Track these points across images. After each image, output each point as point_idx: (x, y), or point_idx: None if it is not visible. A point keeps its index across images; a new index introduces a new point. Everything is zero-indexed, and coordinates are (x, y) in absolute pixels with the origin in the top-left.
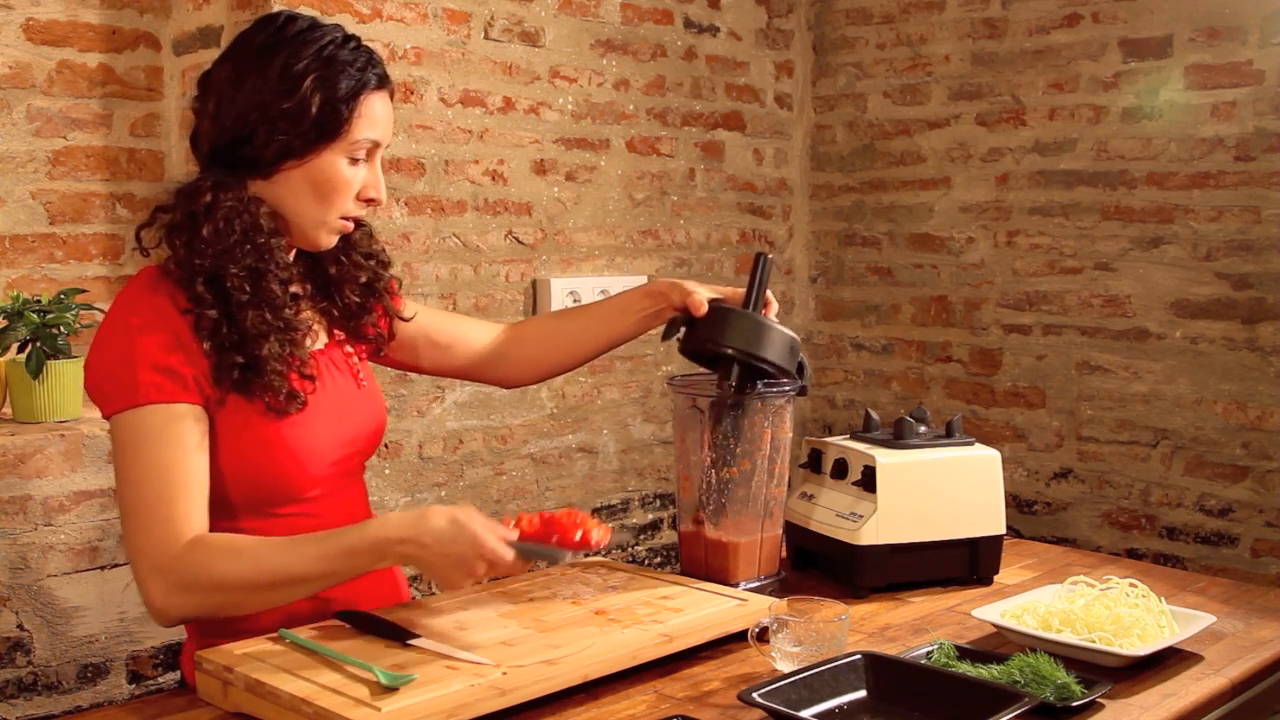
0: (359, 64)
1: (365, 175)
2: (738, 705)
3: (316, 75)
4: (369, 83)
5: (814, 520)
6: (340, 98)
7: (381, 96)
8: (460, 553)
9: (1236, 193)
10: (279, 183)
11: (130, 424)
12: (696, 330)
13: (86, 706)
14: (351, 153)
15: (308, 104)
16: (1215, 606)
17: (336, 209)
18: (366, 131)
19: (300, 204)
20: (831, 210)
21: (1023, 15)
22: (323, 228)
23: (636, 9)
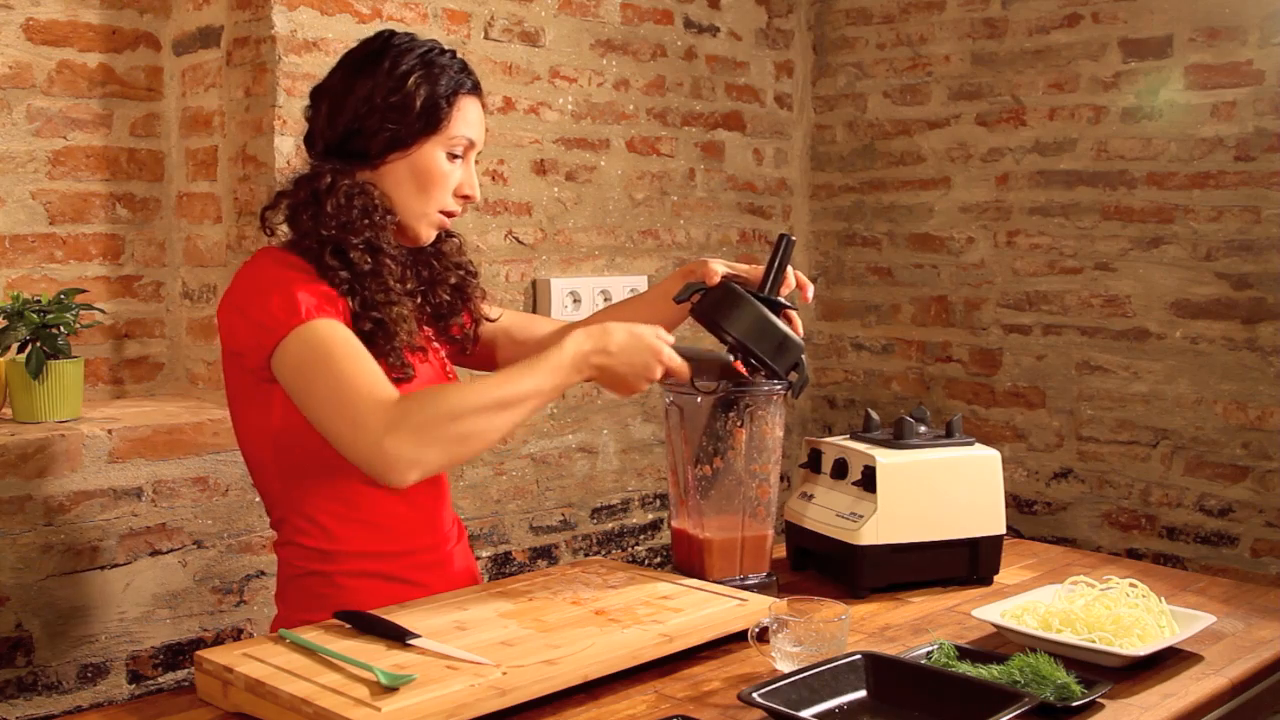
0: (456, 68)
1: (461, 173)
2: (738, 705)
3: (421, 74)
4: (465, 85)
5: (814, 520)
6: (441, 94)
7: (476, 102)
8: (642, 360)
9: (1236, 193)
10: (385, 174)
11: (303, 338)
12: (704, 301)
13: (86, 706)
14: (450, 147)
15: (413, 98)
16: (1215, 606)
17: (436, 201)
18: (463, 129)
19: (402, 194)
20: (831, 210)
21: (1023, 15)
22: (423, 219)
23: (636, 9)
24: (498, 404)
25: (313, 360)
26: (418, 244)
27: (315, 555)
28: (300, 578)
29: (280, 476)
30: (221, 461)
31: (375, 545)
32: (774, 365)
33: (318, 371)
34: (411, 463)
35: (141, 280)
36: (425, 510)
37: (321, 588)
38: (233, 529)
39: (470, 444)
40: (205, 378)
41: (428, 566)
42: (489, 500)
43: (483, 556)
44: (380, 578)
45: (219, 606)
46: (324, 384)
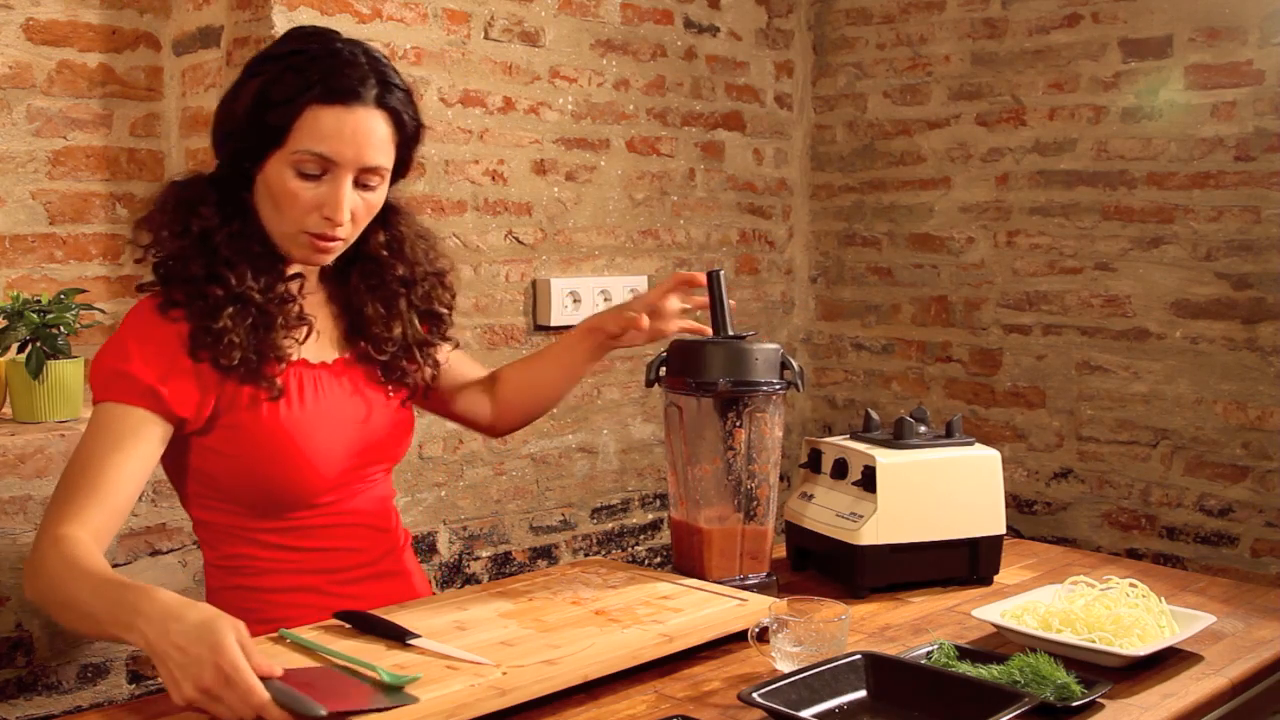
0: (316, 75)
1: (323, 192)
2: (738, 705)
3: (266, 79)
4: (319, 95)
5: (814, 520)
6: (274, 103)
7: (343, 113)
8: (193, 654)
9: (1236, 193)
10: (257, 190)
11: (93, 416)
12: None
13: (86, 706)
14: (296, 164)
15: (248, 108)
16: (1215, 606)
17: (293, 221)
18: (310, 144)
19: (264, 211)
20: (831, 210)
21: (1023, 15)
22: (287, 240)
23: (636, 9)
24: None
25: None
26: (305, 263)
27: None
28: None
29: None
30: None
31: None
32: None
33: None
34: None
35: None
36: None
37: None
38: None
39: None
40: None
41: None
42: (489, 500)
43: (483, 556)
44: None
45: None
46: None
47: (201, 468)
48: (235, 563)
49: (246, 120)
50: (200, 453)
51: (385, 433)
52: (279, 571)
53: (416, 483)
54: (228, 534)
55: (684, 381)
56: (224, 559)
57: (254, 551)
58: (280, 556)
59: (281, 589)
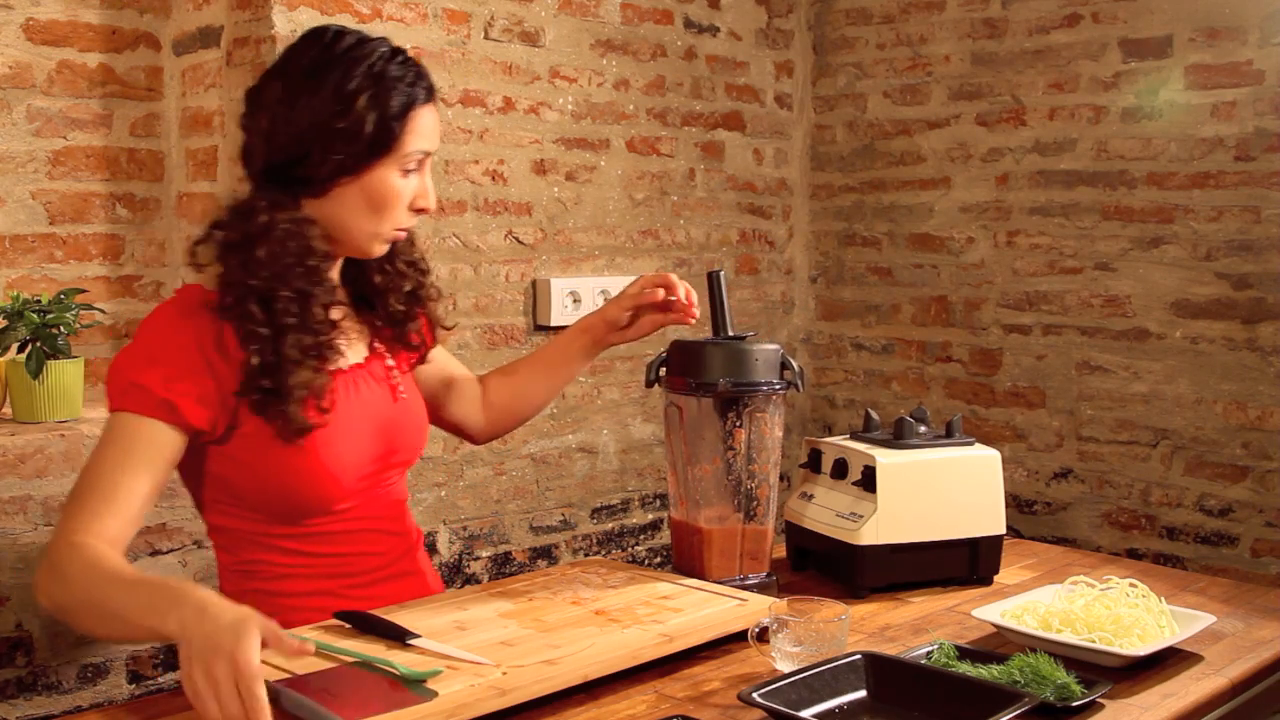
0: (408, 79)
1: (416, 185)
2: (738, 705)
3: (370, 94)
4: (419, 98)
5: (814, 520)
6: (393, 114)
7: (430, 109)
8: (215, 641)
9: (1236, 193)
10: (334, 199)
11: (108, 424)
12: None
13: (86, 706)
14: (404, 165)
15: (362, 122)
16: (1215, 606)
17: (390, 221)
18: (417, 144)
19: (354, 218)
20: (831, 210)
21: (1023, 15)
22: (376, 239)
23: (636, 9)
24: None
25: (96, 446)
26: (367, 258)
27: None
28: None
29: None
30: None
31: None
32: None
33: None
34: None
35: (141, 280)
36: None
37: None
38: None
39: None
40: None
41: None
42: (489, 500)
43: (483, 556)
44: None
45: None
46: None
47: (219, 474)
48: (252, 567)
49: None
50: (218, 459)
51: (404, 433)
52: (296, 576)
53: (416, 483)
54: (245, 539)
55: (684, 381)
56: (241, 564)
57: (271, 557)
58: (298, 562)
59: (298, 593)
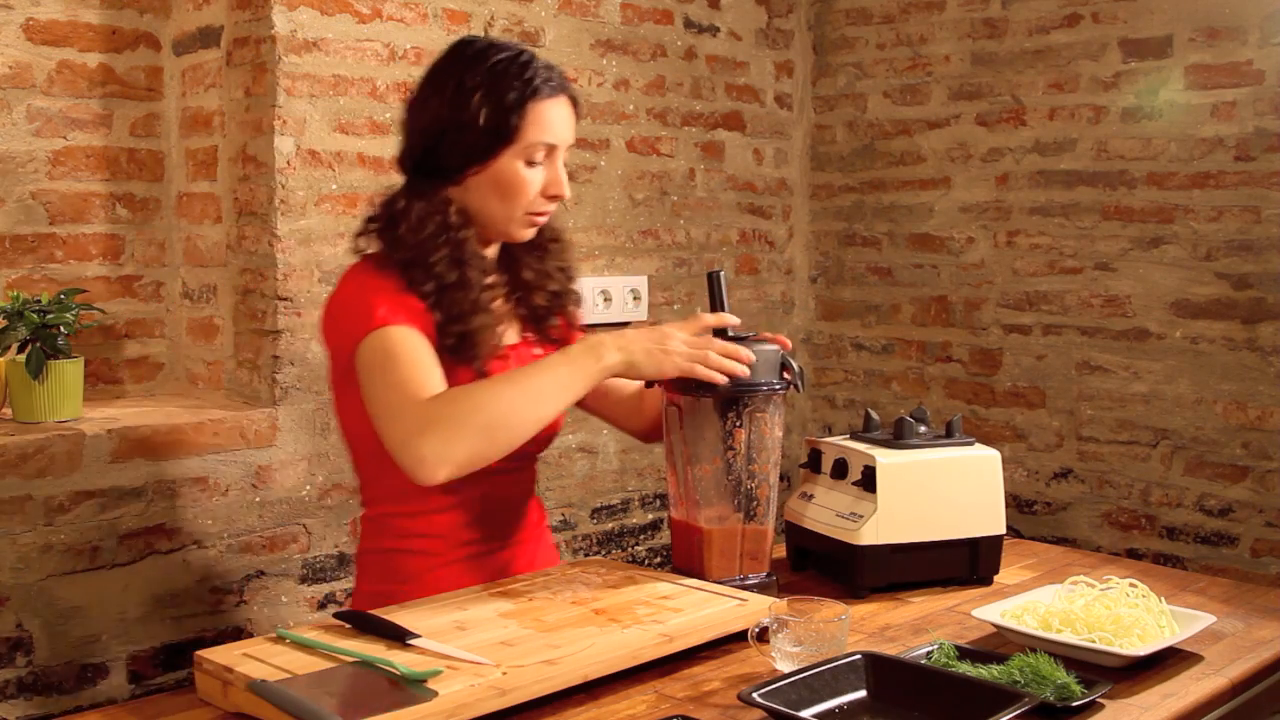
0: (526, 76)
1: (546, 174)
2: (738, 705)
3: (484, 89)
4: (536, 93)
5: (814, 520)
6: (507, 107)
7: (553, 104)
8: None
9: (1236, 193)
10: (469, 188)
11: (374, 342)
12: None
13: (86, 706)
14: (527, 156)
15: (477, 116)
16: (1215, 606)
17: (520, 206)
18: (538, 136)
19: (487, 204)
20: (831, 210)
21: (1023, 15)
22: (512, 223)
23: (636, 9)
24: (522, 396)
25: (376, 364)
26: (516, 242)
27: (403, 535)
28: (385, 553)
29: (370, 462)
30: (221, 461)
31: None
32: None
33: (376, 375)
34: (438, 460)
35: (141, 280)
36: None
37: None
38: (233, 529)
39: (497, 438)
40: (205, 378)
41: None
42: None
43: None
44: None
45: (219, 606)
46: (379, 387)
47: None
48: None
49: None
50: None
51: None
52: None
53: None
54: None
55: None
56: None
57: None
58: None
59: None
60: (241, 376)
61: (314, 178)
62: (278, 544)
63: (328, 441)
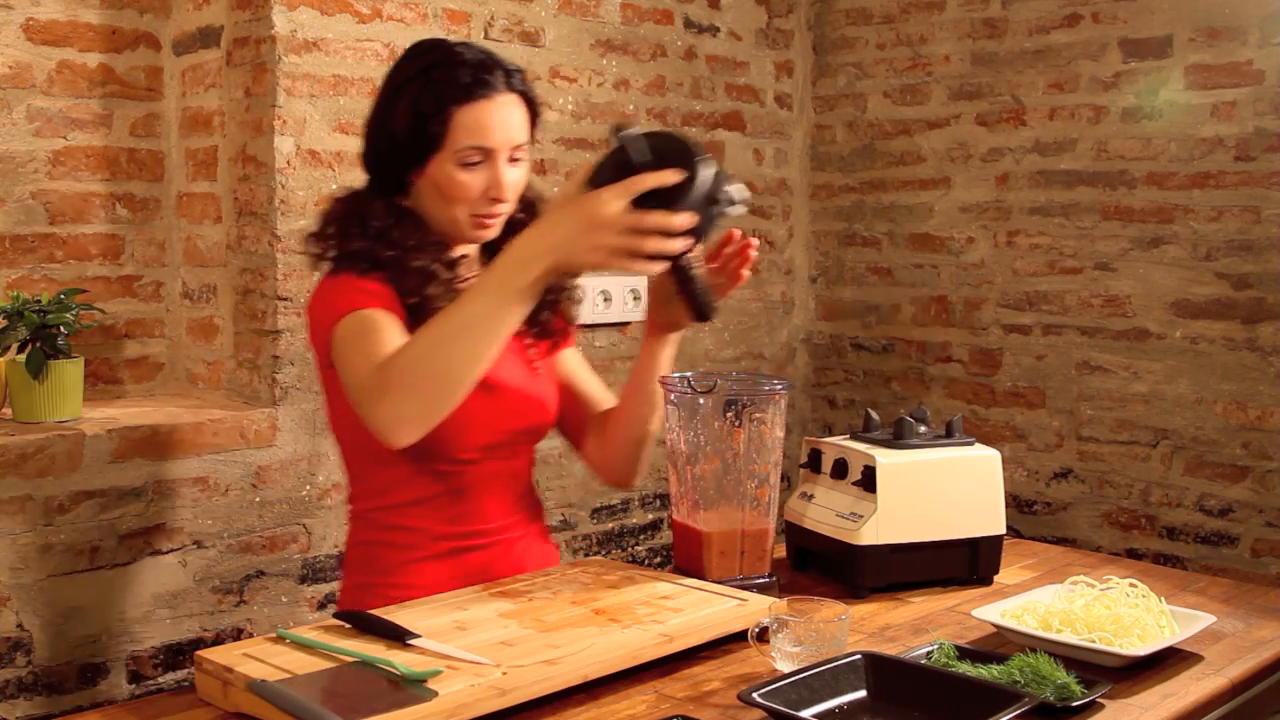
0: (454, 80)
1: (487, 177)
2: (738, 705)
3: (413, 95)
4: (463, 96)
5: (814, 520)
6: (430, 112)
7: (486, 106)
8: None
9: (1236, 193)
10: (417, 192)
11: (341, 330)
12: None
13: (86, 706)
14: (459, 160)
15: (403, 122)
16: (1215, 606)
17: (463, 209)
18: (466, 140)
19: (434, 207)
20: (831, 210)
21: (1023, 15)
22: (459, 225)
23: (636, 9)
24: (459, 336)
25: (346, 346)
26: (472, 241)
27: (384, 528)
28: (367, 545)
29: (356, 457)
30: (221, 461)
31: (434, 527)
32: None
33: (346, 356)
34: (395, 421)
35: (141, 280)
36: (496, 495)
37: (387, 556)
38: (233, 529)
39: (446, 385)
40: (205, 378)
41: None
42: None
43: None
44: (445, 556)
45: (219, 606)
46: (349, 367)
47: None
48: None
49: (406, 136)
50: None
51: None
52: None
53: None
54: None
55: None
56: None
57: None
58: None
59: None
60: (241, 376)
61: (314, 178)
62: (278, 544)
63: (328, 441)
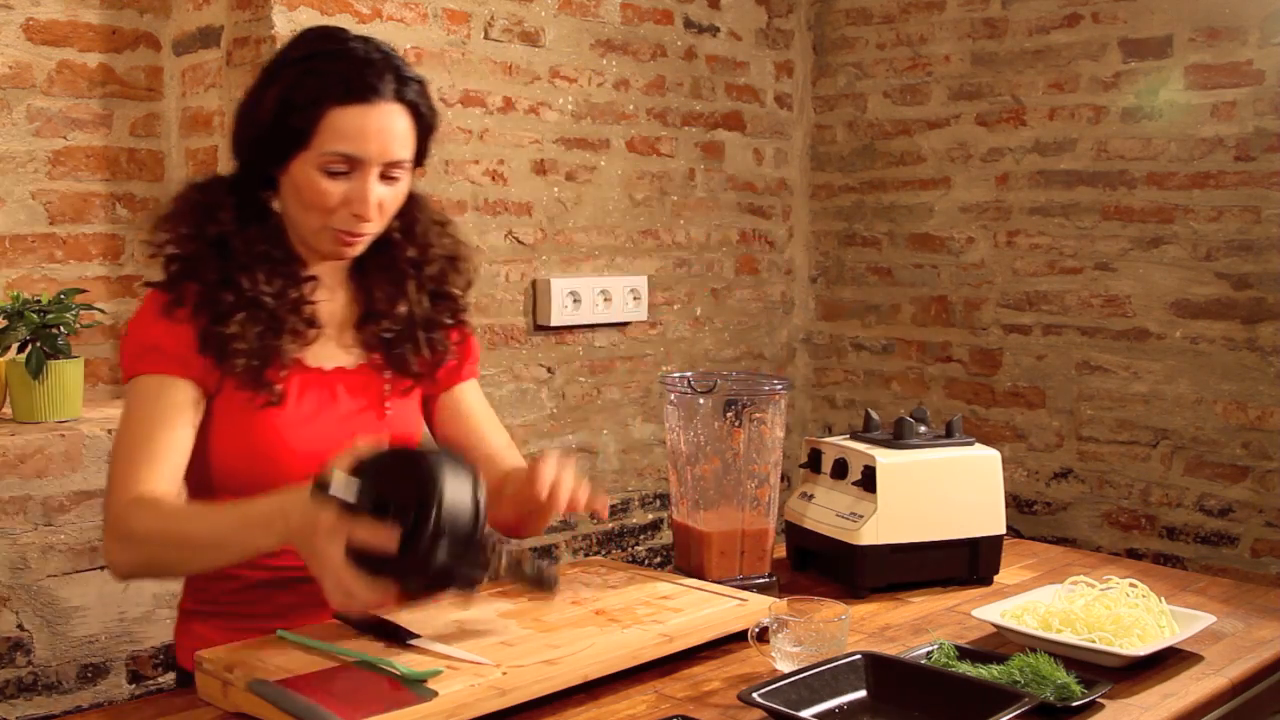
0: (336, 76)
1: (352, 189)
2: (738, 705)
3: (288, 84)
4: (341, 96)
5: (814, 520)
6: (296, 108)
7: (365, 111)
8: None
9: (1236, 193)
10: (282, 190)
11: (128, 391)
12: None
13: (86, 706)
14: (323, 165)
15: (270, 111)
16: (1215, 606)
17: (320, 219)
18: (333, 145)
19: (292, 211)
20: (831, 210)
21: (1023, 15)
22: (316, 236)
23: (636, 9)
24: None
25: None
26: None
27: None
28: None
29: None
30: None
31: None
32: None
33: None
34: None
35: (141, 280)
36: None
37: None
38: None
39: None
40: None
41: None
42: None
43: None
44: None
45: None
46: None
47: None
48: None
49: (270, 126)
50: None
51: None
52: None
53: None
54: None
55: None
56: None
57: None
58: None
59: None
60: None
61: None
62: None
63: None
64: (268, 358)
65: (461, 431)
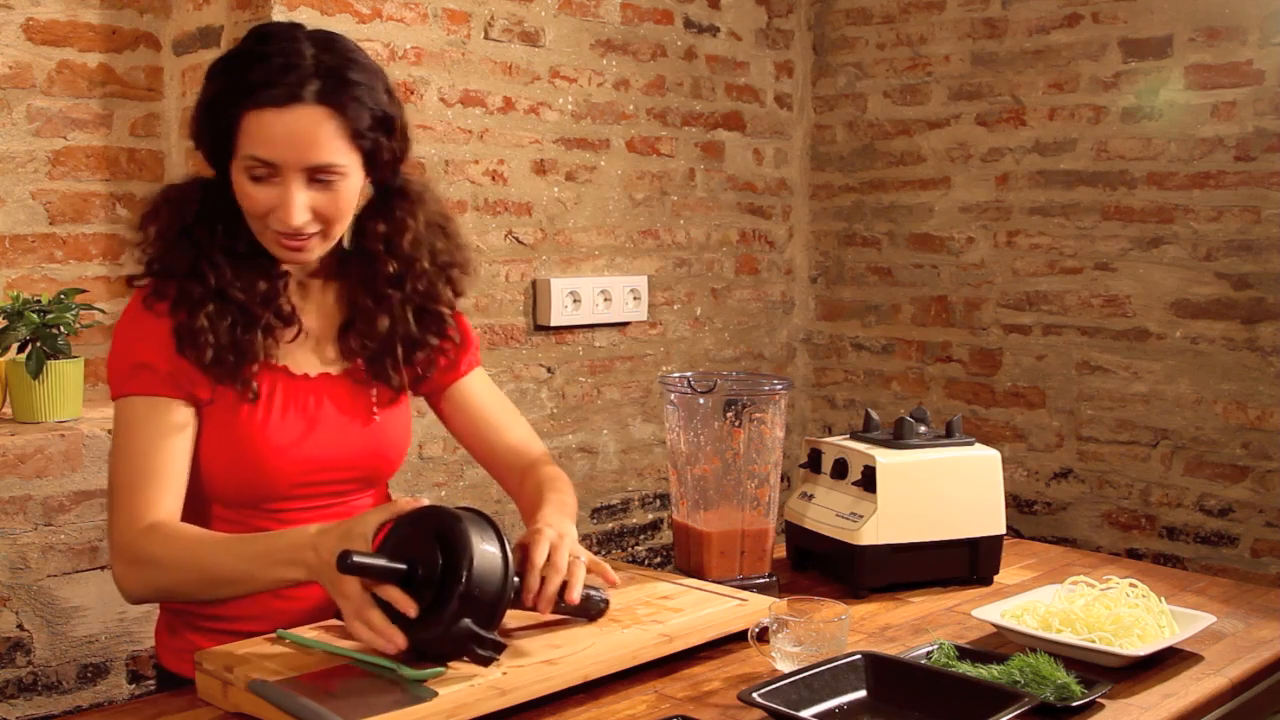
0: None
1: (273, 195)
2: (738, 705)
3: (213, 85)
4: (253, 99)
5: (814, 520)
6: (219, 111)
7: (282, 115)
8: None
9: (1236, 193)
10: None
11: (119, 411)
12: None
13: (86, 706)
14: (247, 169)
15: (199, 113)
16: (1215, 606)
17: (257, 224)
18: (250, 149)
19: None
20: (831, 210)
21: (1023, 15)
22: (261, 240)
23: (636, 9)
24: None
25: (114, 444)
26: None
27: None
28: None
29: None
30: None
31: None
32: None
33: (111, 456)
34: (122, 591)
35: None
36: None
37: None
38: None
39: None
40: None
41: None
42: (489, 500)
43: None
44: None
45: None
46: (110, 471)
47: None
48: None
49: (201, 128)
50: None
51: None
52: None
53: (416, 483)
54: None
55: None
56: None
57: None
58: None
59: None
60: None
61: None
62: None
63: None
64: (241, 352)
65: (474, 426)
